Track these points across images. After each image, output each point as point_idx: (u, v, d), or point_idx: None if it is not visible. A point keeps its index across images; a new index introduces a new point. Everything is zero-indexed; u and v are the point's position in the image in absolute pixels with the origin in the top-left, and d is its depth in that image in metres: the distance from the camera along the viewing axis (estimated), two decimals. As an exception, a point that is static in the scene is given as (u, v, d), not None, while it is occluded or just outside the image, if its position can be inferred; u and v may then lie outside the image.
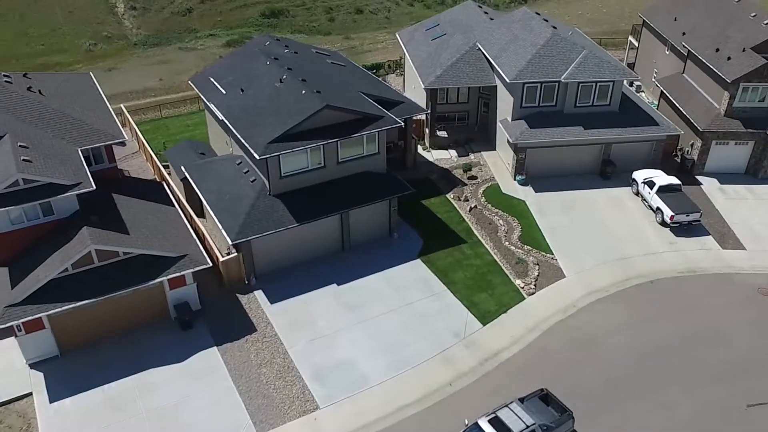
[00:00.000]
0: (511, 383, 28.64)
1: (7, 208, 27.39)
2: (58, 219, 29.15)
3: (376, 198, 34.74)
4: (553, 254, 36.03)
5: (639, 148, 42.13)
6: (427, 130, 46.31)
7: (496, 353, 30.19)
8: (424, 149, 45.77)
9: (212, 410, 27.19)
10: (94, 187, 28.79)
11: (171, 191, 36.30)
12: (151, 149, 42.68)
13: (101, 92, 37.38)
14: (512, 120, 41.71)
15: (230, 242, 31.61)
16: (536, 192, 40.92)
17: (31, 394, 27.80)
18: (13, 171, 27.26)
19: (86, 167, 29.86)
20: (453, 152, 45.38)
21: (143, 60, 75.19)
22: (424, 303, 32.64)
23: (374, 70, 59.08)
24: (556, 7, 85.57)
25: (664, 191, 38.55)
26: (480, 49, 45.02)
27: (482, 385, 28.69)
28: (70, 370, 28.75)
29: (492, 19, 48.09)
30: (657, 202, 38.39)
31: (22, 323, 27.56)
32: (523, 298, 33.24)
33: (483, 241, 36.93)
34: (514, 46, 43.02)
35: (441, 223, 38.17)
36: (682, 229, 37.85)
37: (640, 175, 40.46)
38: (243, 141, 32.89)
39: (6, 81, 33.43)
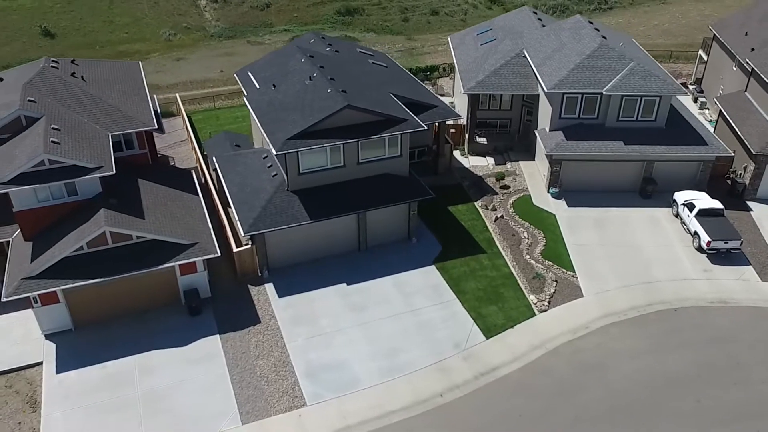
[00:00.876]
0: (505, 400, 27.93)
1: (31, 186, 28.90)
2: (82, 200, 30.55)
3: (394, 201, 34.58)
4: (574, 272, 34.78)
5: (685, 167, 40.00)
6: (467, 136, 45.63)
7: (495, 368, 29.45)
8: (462, 155, 45.13)
9: (203, 396, 27.87)
10: (114, 172, 30.03)
11: (206, 180, 37.31)
12: (194, 139, 44.11)
13: (144, 81, 38.94)
14: (550, 130, 40.52)
15: (242, 234, 32.27)
16: (569, 206, 39.59)
17: (41, 363, 29.34)
18: (40, 151, 28.80)
19: (112, 152, 31.16)
20: (491, 160, 44.55)
21: (211, 51, 77.73)
22: (430, 310, 32.25)
23: (428, 73, 58.80)
24: (632, 16, 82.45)
25: (703, 215, 36.46)
26: (526, 57, 43.94)
27: (474, 399, 28.07)
28: (81, 344, 30.17)
29: (544, 26, 46.82)
30: (695, 225, 36.35)
31: (38, 296, 29.14)
32: (534, 315, 32.27)
33: (503, 253, 36.08)
34: (560, 54, 41.76)
35: (463, 231, 37.57)
36: (719, 257, 35.69)
37: (681, 196, 38.44)
38: (265, 135, 33.49)
39: (53, 66, 35.36)
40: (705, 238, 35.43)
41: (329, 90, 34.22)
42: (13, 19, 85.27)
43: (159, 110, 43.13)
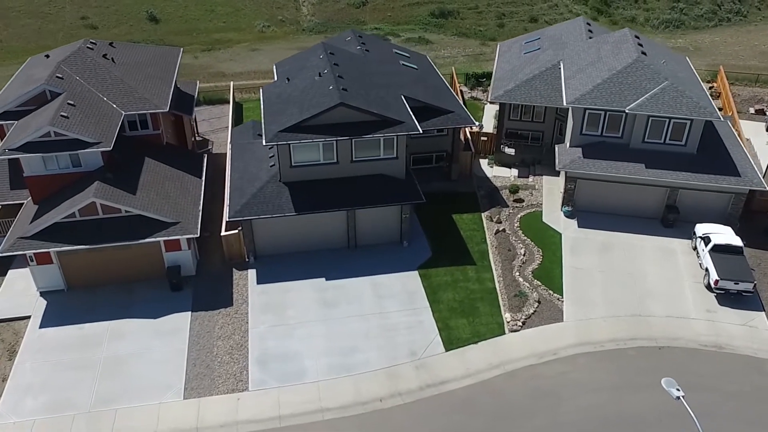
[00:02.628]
0: (444, 416, 27.35)
1: (35, 154, 31.53)
2: (85, 171, 32.89)
3: (383, 202, 34.56)
4: (561, 295, 33.26)
5: (714, 199, 37.05)
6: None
7: (443, 382, 28.83)
8: (488, 164, 44.17)
9: (157, 367, 29.31)
10: (110, 148, 32.13)
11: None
12: (231, 126, 46.08)
13: (177, 66, 41.19)
14: (570, 146, 38.83)
15: (226, 218, 33.51)
16: (579, 227, 37.82)
17: (30, 317, 31.97)
18: (46, 123, 31.34)
19: (117, 130, 33.31)
20: (514, 172, 43.31)
21: (290, 44, 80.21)
22: (398, 315, 32.02)
23: (483, 79, 57.84)
24: (731, 35, 76.70)
25: (718, 251, 33.68)
26: (561, 68, 42.32)
27: (412, 409, 27.66)
28: (67, 304, 32.58)
29: (590, 37, 44.82)
30: (707, 261, 33.67)
31: (34, 255, 31.75)
32: (503, 333, 31.23)
33: (493, 267, 35.11)
34: (593, 68, 39.88)
35: (459, 240, 36.89)
36: (728, 298, 32.87)
37: (701, 228, 35.68)
38: (263, 126, 34.53)
39: (88, 47, 38.24)
40: (713, 275, 32.74)
41: (331, 87, 34.71)
42: (125, 3, 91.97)
43: (196, 96, 45.46)
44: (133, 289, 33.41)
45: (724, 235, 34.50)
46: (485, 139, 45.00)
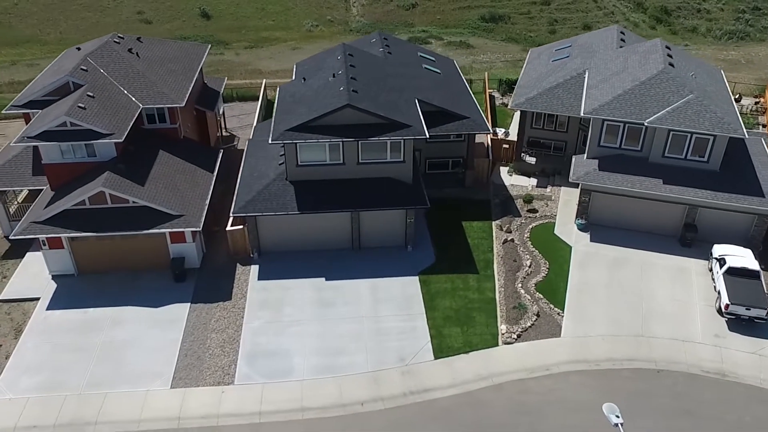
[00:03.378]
0: (422, 424, 27.11)
1: (53, 143, 32.77)
2: (99, 161, 33.98)
3: (387, 205, 34.44)
4: (562, 310, 32.43)
5: (735, 219, 35.48)
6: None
7: (428, 390, 28.53)
8: (508, 173, 43.49)
9: (150, 355, 30.02)
10: (122, 140, 33.06)
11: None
12: (255, 123, 46.82)
13: (201, 63, 42.11)
14: (587, 158, 37.84)
15: (231, 214, 34.05)
16: (591, 241, 36.82)
17: (39, 299, 33.24)
18: (63, 114, 32.54)
19: (131, 123, 34.28)
20: (533, 181, 42.49)
21: (332, 44, 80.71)
22: (392, 319, 31.87)
23: (515, 85, 56.89)
24: (789, 47, 73.11)
25: (733, 274, 32.22)
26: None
27: (392, 415, 27.49)
28: (76, 289, 33.72)
29: (621, 46, 43.56)
30: (720, 284, 32.25)
31: (46, 239, 33.01)
32: (496, 345, 30.67)
33: (496, 277, 34.53)
34: (617, 78, 38.77)
35: (465, 248, 36.43)
36: (740, 324, 31.40)
37: (718, 249, 34.23)
38: (272, 124, 34.95)
39: (115, 41, 39.50)
40: (724, 299, 31.34)
41: (341, 88, 34.82)
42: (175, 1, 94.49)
43: (222, 92, 46.38)
44: (138, 277, 34.31)
45: (742, 257, 32.99)
46: (507, 146, 44.31)
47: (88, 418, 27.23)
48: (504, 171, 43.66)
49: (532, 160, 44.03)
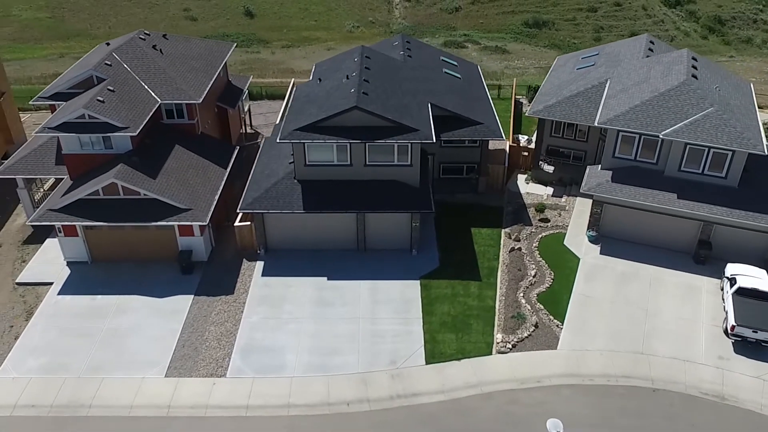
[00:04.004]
0: (406, 428, 27.06)
1: (71, 134, 34.02)
2: (116, 153, 35.09)
3: (392, 208, 34.54)
4: (562, 322, 31.95)
5: (753, 238, 34.32)
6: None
7: (415, 394, 28.51)
8: (525, 181, 43.04)
9: (149, 344, 30.85)
10: (136, 133, 34.08)
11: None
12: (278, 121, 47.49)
13: (224, 61, 43.02)
14: (601, 168, 37.15)
15: (238, 210, 34.70)
16: (601, 253, 36.14)
17: (52, 283, 34.53)
18: (81, 106, 33.76)
19: (147, 117, 35.28)
20: (550, 190, 41.93)
21: (370, 45, 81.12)
22: (388, 322, 31.94)
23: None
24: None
25: (744, 294, 31.18)
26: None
27: (377, 417, 27.57)
28: (88, 276, 34.90)
29: (648, 56, 42.60)
30: (728, 304, 31.26)
31: (62, 227, 34.29)
32: (489, 354, 30.42)
33: (498, 285, 34.24)
34: (637, 88, 37.96)
35: (471, 254, 36.23)
36: (746, 347, 30.36)
37: (731, 268, 33.18)
38: (282, 123, 35.47)
39: (140, 38, 40.71)
40: (731, 320, 30.37)
41: (352, 90, 35.09)
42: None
43: (246, 90, 47.27)
44: (148, 268, 35.27)
45: (754, 278, 31.90)
46: (527, 154, 43.86)
47: (83, 401, 28.18)
48: (522, 179, 43.18)
49: (550, 168, 43.44)
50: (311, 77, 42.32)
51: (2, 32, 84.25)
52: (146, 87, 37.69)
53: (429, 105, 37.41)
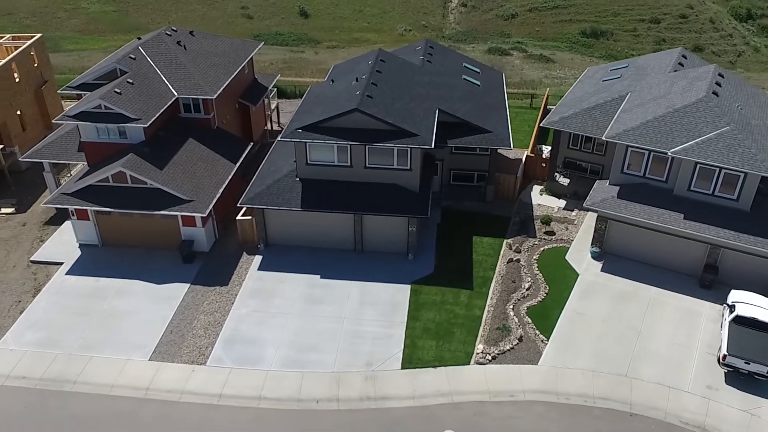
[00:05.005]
0: (369, 430, 27.17)
1: (87, 123, 35.74)
2: (129, 143, 36.62)
3: (387, 211, 34.65)
4: (547, 337, 31.32)
5: (763, 265, 32.68)
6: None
7: (385, 398, 28.58)
8: (540, 192, 42.36)
9: (140, 327, 32.04)
10: (147, 125, 35.46)
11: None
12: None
13: (246, 59, 44.14)
14: (609, 184, 36.19)
15: (238, 204, 35.60)
16: (602, 271, 35.19)
17: (62, 263, 36.33)
18: (97, 97, 35.42)
19: (160, 110, 36.65)
20: (562, 203, 41.09)
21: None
22: (372, 324, 32.11)
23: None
24: None
25: (741, 323, 29.79)
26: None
27: (341, 417, 27.80)
28: (96, 259, 36.54)
29: (676, 70, 41.16)
30: (724, 332, 29.95)
31: (75, 210, 36.06)
32: (467, 363, 30.14)
33: (489, 295, 33.85)
34: (654, 103, 36.79)
35: (467, 263, 35.95)
36: (739, 378, 28.99)
37: (734, 295, 31.75)
38: (289, 122, 36.19)
39: (167, 34, 42.29)
40: (723, 349, 29.07)
41: (357, 92, 35.43)
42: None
43: (272, 88, 48.34)
44: (152, 255, 36.61)
45: (756, 307, 30.39)
46: (545, 165, 43.10)
47: (69, 377, 29.57)
48: (537, 190, 42.49)
49: (565, 181, 42.52)
50: (326, 78, 42.84)
51: (70, 24, 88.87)
52: (166, 81, 39.09)
53: (437, 111, 37.30)
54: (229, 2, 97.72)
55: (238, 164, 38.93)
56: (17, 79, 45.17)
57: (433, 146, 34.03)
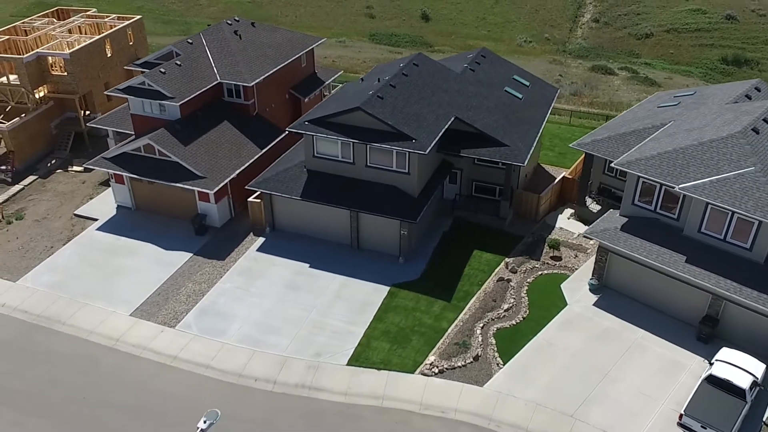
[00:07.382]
0: (293, 417, 27.98)
1: (132, 97, 39.48)
2: (167, 119, 39.93)
3: (379, 211, 34.96)
4: (504, 362, 30.17)
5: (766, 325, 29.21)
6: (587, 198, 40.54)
7: (318, 389, 29.11)
8: (568, 217, 40.49)
9: (135, 285, 34.95)
10: (179, 104, 38.45)
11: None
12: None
13: (300, 53, 46.15)
14: (620, 214, 33.93)
15: (246, 186, 37.61)
16: (594, 305, 33.11)
17: (97, 220, 40.44)
18: (141, 75, 39.01)
19: (197, 92, 39.57)
20: (583, 228, 38.92)
21: (528, 60, 79.25)
22: (337, 318, 32.67)
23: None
24: None
25: (714, 383, 26.98)
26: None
27: (273, 400, 28.68)
28: (126, 219, 40.26)
29: (737, 101, 37.51)
30: (692, 391, 27.25)
31: (113, 174, 40.00)
32: (411, 372, 29.84)
33: (463, 310, 33.09)
34: (686, 134, 33.98)
35: (456, 274, 35.32)
36: (697, 442, 26.26)
37: (724, 353, 28.66)
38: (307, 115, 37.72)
39: (228, 23, 45.33)
40: (683, 407, 26.48)
41: (370, 92, 36.05)
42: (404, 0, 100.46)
43: (329, 83, 50.00)
44: (172, 223, 39.60)
45: (738, 369, 27.27)
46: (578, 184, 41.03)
47: (61, 318, 33.06)
48: (567, 213, 40.62)
49: (596, 207, 40.16)
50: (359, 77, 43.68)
51: (208, 11, 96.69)
52: (213, 66, 42.02)
53: (452, 119, 36.91)
54: (356, 1, 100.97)
55: (264, 150, 40.90)
56: (109, 54, 50.37)
57: (426, 152, 33.82)
